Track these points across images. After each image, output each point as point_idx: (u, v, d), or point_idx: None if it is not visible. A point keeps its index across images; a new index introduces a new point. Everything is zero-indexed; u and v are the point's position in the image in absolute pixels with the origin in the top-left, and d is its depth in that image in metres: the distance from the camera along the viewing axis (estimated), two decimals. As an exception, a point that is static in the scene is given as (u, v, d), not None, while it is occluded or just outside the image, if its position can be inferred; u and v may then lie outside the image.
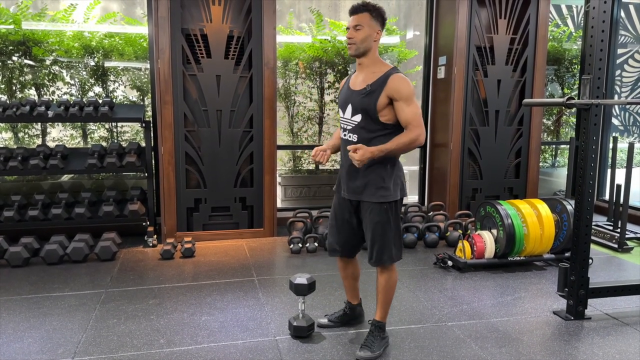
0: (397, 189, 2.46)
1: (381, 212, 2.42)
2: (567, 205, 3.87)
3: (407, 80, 2.36)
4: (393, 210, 2.45)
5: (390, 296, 2.57)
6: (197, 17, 4.40)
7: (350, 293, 2.85)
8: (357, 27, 2.37)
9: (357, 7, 2.39)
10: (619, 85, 6.24)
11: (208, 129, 4.52)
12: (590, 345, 2.68)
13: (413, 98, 2.35)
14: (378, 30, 2.40)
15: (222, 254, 4.25)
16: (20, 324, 2.86)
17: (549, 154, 6.67)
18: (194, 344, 2.65)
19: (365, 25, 2.36)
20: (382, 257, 2.46)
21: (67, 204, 4.37)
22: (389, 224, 2.44)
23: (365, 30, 2.36)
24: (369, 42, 2.38)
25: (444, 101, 5.19)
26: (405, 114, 2.33)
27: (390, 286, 2.55)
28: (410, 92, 2.34)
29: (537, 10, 5.08)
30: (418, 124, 2.33)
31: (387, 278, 2.52)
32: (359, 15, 2.38)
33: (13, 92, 4.83)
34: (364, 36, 2.37)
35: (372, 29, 2.38)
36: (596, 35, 2.75)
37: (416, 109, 2.36)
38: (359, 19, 2.37)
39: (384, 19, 2.43)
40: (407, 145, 2.35)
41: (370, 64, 2.44)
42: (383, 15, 2.42)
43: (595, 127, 2.83)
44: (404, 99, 2.33)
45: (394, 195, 2.44)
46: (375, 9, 2.39)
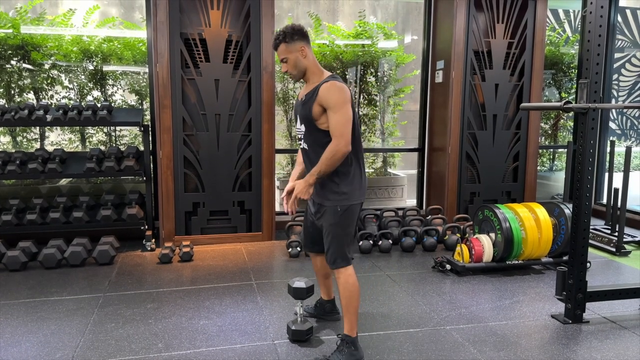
0: (353, 193, 2.47)
1: (335, 214, 2.45)
2: (565, 209, 3.88)
3: (336, 88, 2.36)
4: (347, 214, 2.46)
5: (353, 305, 2.46)
6: (196, 22, 4.41)
7: (322, 289, 2.97)
8: (283, 60, 2.48)
9: (273, 44, 2.50)
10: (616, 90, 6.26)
11: (206, 133, 4.53)
12: (588, 348, 2.68)
13: (341, 106, 2.34)
14: (301, 48, 2.45)
15: (220, 258, 4.25)
16: (18, 328, 2.85)
17: (547, 158, 6.68)
18: (192, 348, 2.64)
19: (287, 54, 2.46)
20: (337, 259, 2.47)
21: (65, 207, 4.36)
22: (342, 226, 2.47)
23: (290, 58, 2.46)
24: (300, 65, 2.46)
25: (442, 105, 5.20)
26: (330, 122, 2.36)
27: (350, 291, 2.46)
28: (337, 100, 2.34)
29: (534, 15, 5.10)
30: (339, 134, 2.33)
31: (344, 283, 2.46)
32: (278, 50, 2.48)
33: (12, 96, 4.83)
34: (293, 64, 2.46)
35: (294, 53, 2.45)
36: (593, 40, 2.76)
37: (340, 117, 2.34)
38: (280, 53, 2.47)
39: (300, 32, 2.46)
40: (330, 159, 2.34)
41: (311, 77, 2.51)
42: (296, 31, 2.45)
43: (593, 131, 2.84)
44: (330, 107, 2.35)
45: (348, 199, 2.45)
46: (287, 34, 2.44)
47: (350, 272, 2.48)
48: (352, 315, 2.47)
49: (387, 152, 6.20)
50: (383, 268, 3.99)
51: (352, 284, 2.46)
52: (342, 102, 2.35)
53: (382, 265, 4.08)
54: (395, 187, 6.09)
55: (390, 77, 6.02)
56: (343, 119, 2.34)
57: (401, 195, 6.12)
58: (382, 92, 6.03)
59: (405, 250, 4.45)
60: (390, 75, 6.02)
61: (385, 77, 6.02)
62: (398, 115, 6.21)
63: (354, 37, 5.75)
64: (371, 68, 5.87)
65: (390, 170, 6.30)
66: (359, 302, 2.49)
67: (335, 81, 2.39)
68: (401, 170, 6.33)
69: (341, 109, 2.34)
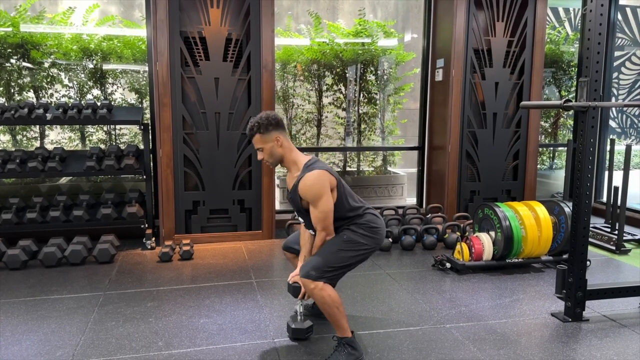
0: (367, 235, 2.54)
1: (340, 239, 2.51)
2: (565, 208, 3.88)
3: (311, 183, 2.41)
4: (351, 245, 2.49)
5: (334, 314, 2.40)
6: (196, 20, 4.41)
7: None
8: (259, 150, 2.55)
9: (248, 134, 2.55)
10: (616, 88, 6.26)
11: (206, 131, 4.53)
12: (588, 347, 2.68)
13: (317, 200, 2.42)
14: (276, 137, 2.51)
15: (220, 256, 4.25)
16: (19, 327, 2.86)
17: (547, 156, 6.68)
18: (193, 346, 2.64)
19: (262, 145, 2.52)
20: (310, 271, 2.39)
21: (65, 206, 4.36)
22: (340, 251, 2.47)
23: (265, 148, 2.52)
24: (275, 154, 2.54)
25: (441, 104, 5.20)
26: (312, 217, 2.48)
27: (328, 304, 2.38)
28: (314, 194, 2.42)
29: (534, 13, 5.10)
30: (322, 228, 2.47)
31: (320, 297, 2.38)
32: (253, 140, 2.54)
33: (11, 94, 4.83)
34: (268, 153, 2.53)
35: (269, 142, 2.51)
36: (593, 38, 2.76)
37: (320, 213, 2.43)
38: (256, 143, 2.53)
39: (275, 123, 2.51)
40: (321, 247, 2.50)
41: (290, 166, 2.58)
42: (270, 123, 2.50)
43: (593, 129, 2.84)
44: (310, 201, 2.45)
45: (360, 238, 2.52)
46: (261, 125, 2.49)
47: (322, 286, 2.38)
48: (338, 321, 2.42)
49: (387, 151, 6.20)
50: (383, 266, 4.00)
51: (328, 296, 2.38)
52: (317, 196, 2.42)
53: (382, 263, 4.08)
54: (395, 186, 6.09)
55: (390, 75, 6.02)
56: (322, 215, 2.44)
57: (401, 194, 6.12)
58: (382, 90, 6.03)
59: (405, 248, 4.45)
60: (390, 73, 6.02)
61: (385, 75, 6.02)
62: (398, 114, 6.21)
63: (354, 36, 5.75)
64: (371, 66, 5.87)
65: (390, 169, 6.30)
66: (342, 308, 2.42)
67: (309, 174, 2.43)
68: (401, 169, 6.33)
69: (318, 205, 2.42)
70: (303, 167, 2.51)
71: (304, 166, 2.51)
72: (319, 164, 2.50)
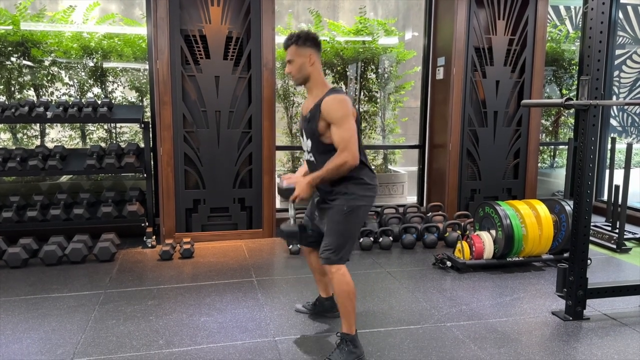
0: (363, 196, 2.47)
1: (341, 214, 2.44)
2: (566, 206, 3.87)
3: (339, 101, 2.37)
4: (353, 215, 2.45)
5: (349, 304, 2.43)
6: (196, 18, 4.40)
7: (319, 286, 2.97)
8: (290, 61, 2.50)
9: (284, 44, 2.52)
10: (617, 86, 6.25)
11: (207, 129, 4.52)
12: (588, 345, 2.68)
13: (344, 119, 2.35)
14: (310, 55, 2.47)
15: (221, 254, 4.25)
16: (19, 325, 2.86)
17: (548, 155, 6.68)
18: (193, 344, 2.65)
19: (295, 57, 2.47)
20: (330, 256, 2.43)
21: (65, 204, 4.36)
22: (346, 226, 2.45)
23: (296, 61, 2.47)
24: (304, 70, 2.48)
25: (442, 102, 5.20)
26: (334, 137, 2.38)
27: (346, 291, 2.43)
28: (340, 114, 2.35)
29: (535, 11, 5.09)
30: (345, 148, 2.34)
31: (339, 282, 2.43)
32: (288, 50, 2.50)
33: (12, 93, 4.83)
34: (298, 67, 2.48)
35: (302, 57, 2.47)
36: (594, 36, 2.75)
37: (345, 132, 2.35)
38: (289, 54, 2.49)
39: (314, 40, 2.49)
40: (335, 170, 2.38)
41: (313, 88, 2.52)
42: (310, 38, 2.48)
43: (594, 127, 2.83)
44: (334, 121, 2.37)
45: (356, 200, 2.45)
46: (300, 37, 2.47)
47: (344, 271, 2.44)
48: (349, 314, 2.45)
49: (387, 149, 6.20)
50: (383, 265, 4.00)
51: (347, 284, 2.42)
52: (344, 115, 2.35)
53: (383, 262, 4.08)
54: (396, 184, 6.09)
55: (391, 73, 6.01)
56: (347, 134, 2.35)
57: (402, 192, 6.12)
58: (382, 88, 6.02)
59: (405, 247, 4.45)
60: (390, 71, 6.01)
61: (385, 73, 6.01)
62: (398, 112, 6.20)
63: (354, 34, 5.74)
64: (372, 65, 5.86)
65: (391, 167, 6.30)
66: (355, 301, 2.46)
67: (336, 94, 2.40)
68: (402, 167, 6.33)
69: (344, 123, 2.35)
70: (329, 89, 2.47)
71: (330, 89, 2.47)
72: (344, 92, 2.47)
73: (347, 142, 2.34)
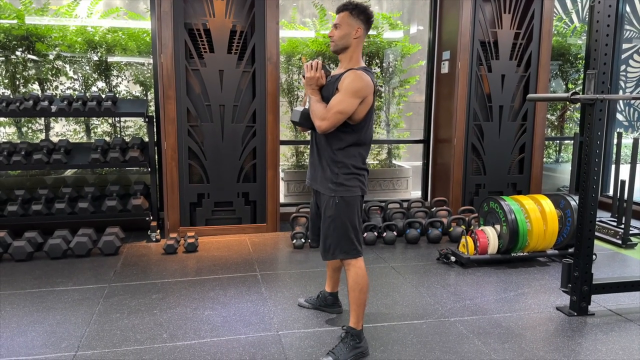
0: (353, 186, 2.44)
1: (332, 206, 2.42)
2: (571, 201, 3.86)
3: (356, 77, 2.33)
4: (345, 206, 2.42)
5: (360, 299, 2.44)
6: (200, 12, 4.39)
7: (328, 281, 2.96)
8: (336, 26, 2.44)
9: (338, 7, 2.46)
10: (624, 81, 6.20)
11: (211, 124, 4.52)
12: (593, 341, 2.67)
13: (351, 94, 2.30)
14: (358, 28, 2.43)
15: (225, 249, 4.25)
16: (24, 318, 2.87)
17: (553, 150, 6.64)
18: (197, 338, 2.65)
19: (343, 23, 2.42)
20: (330, 251, 2.44)
21: (70, 198, 4.38)
22: (340, 219, 2.42)
23: (343, 28, 2.41)
24: (347, 40, 2.42)
25: (447, 96, 5.17)
26: (332, 100, 2.34)
27: (360, 284, 2.44)
28: (353, 87, 2.31)
29: (541, 5, 5.04)
30: (328, 114, 2.31)
31: (354, 276, 2.44)
32: (339, 14, 2.44)
33: (16, 86, 4.83)
34: (342, 34, 2.42)
35: (350, 27, 2.41)
36: (601, 30, 2.73)
37: (340, 103, 2.30)
38: (338, 18, 2.44)
39: (367, 16, 2.44)
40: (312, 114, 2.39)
41: (346, 61, 2.47)
42: (365, 13, 2.44)
43: (600, 122, 2.81)
44: (342, 89, 2.33)
45: (347, 192, 2.42)
46: (356, 7, 2.43)
47: (360, 264, 2.46)
48: (359, 308, 2.45)
49: (392, 144, 6.18)
50: (387, 260, 3.99)
51: (362, 277, 2.44)
52: (354, 91, 2.30)
53: (387, 257, 4.07)
54: (400, 179, 6.07)
55: (396, 67, 5.98)
56: (341, 106, 2.30)
57: (406, 187, 6.10)
58: (387, 83, 6.00)
59: (409, 242, 4.44)
60: (395, 66, 5.98)
61: (390, 67, 5.98)
62: (403, 107, 6.17)
63: (359, 28, 5.70)
64: (376, 59, 5.83)
65: (395, 162, 6.28)
66: (367, 296, 2.48)
67: (361, 72, 2.37)
68: (406, 162, 6.31)
69: (348, 97, 2.30)
70: (360, 66, 2.44)
71: (361, 66, 2.44)
72: (372, 75, 2.43)
73: (335, 112, 2.30)
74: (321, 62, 2.46)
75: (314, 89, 2.43)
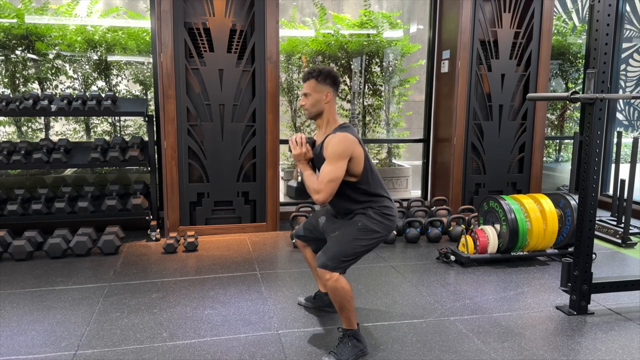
0: (380, 222, 2.48)
1: (354, 227, 2.45)
2: (571, 200, 3.86)
3: (338, 140, 2.37)
4: (365, 234, 2.44)
5: (346, 306, 2.38)
6: (200, 11, 4.38)
7: (318, 281, 2.96)
8: (306, 95, 2.51)
9: (304, 76, 2.53)
10: (624, 80, 6.20)
11: (211, 123, 4.52)
12: (593, 340, 2.67)
13: (335, 159, 2.34)
14: (327, 92, 2.49)
15: (224, 248, 4.25)
16: (24, 317, 2.87)
17: (553, 149, 6.64)
18: (197, 337, 2.65)
19: (312, 91, 2.48)
20: (327, 262, 2.36)
21: (70, 198, 4.38)
22: (356, 241, 2.42)
23: (313, 96, 2.48)
24: (319, 106, 2.50)
25: (447, 95, 5.17)
26: (321, 171, 2.39)
27: (341, 296, 2.36)
28: (335, 152, 2.35)
29: (541, 4, 5.04)
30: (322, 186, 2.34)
31: (333, 288, 2.35)
32: (306, 83, 2.50)
33: (16, 86, 4.83)
34: (313, 102, 2.49)
35: (320, 93, 2.48)
36: (601, 29, 2.73)
37: (330, 172, 2.34)
38: (306, 87, 2.50)
39: (334, 79, 2.50)
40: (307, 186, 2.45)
41: (323, 125, 2.55)
42: (331, 76, 2.49)
43: (600, 121, 2.81)
44: (327, 156, 2.38)
45: (373, 225, 2.46)
46: (321, 73, 2.48)
47: (337, 277, 2.35)
48: (347, 313, 2.41)
49: (391, 143, 6.18)
50: (387, 259, 3.99)
51: (342, 289, 2.35)
52: (338, 155, 2.35)
53: (387, 256, 4.07)
54: (400, 178, 6.07)
55: (396, 67, 5.98)
56: (332, 175, 2.34)
57: (406, 186, 6.10)
58: (387, 82, 6.00)
59: (409, 241, 4.44)
60: (395, 65, 5.98)
61: (390, 67, 5.98)
62: (403, 106, 6.18)
63: (359, 27, 5.71)
64: (376, 58, 5.83)
65: (395, 161, 6.28)
66: (352, 301, 2.41)
67: (340, 133, 2.40)
68: (406, 161, 6.31)
69: (333, 163, 2.35)
70: (337, 126, 2.48)
71: (338, 126, 2.48)
72: (352, 130, 2.47)
73: (327, 182, 2.35)
74: (304, 136, 2.51)
75: (304, 163, 2.49)
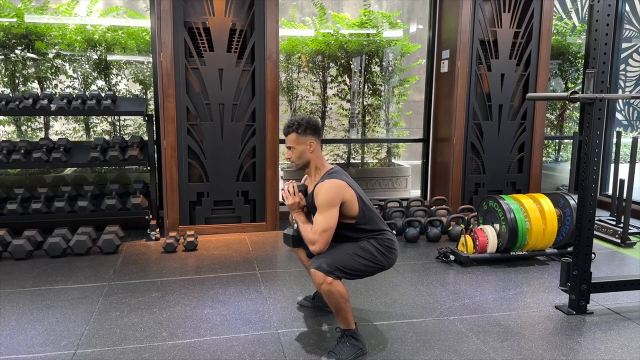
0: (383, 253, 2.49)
1: (357, 243, 2.47)
2: (570, 200, 3.86)
3: (326, 189, 2.38)
4: (365, 254, 2.44)
5: (342, 308, 2.38)
6: (200, 11, 4.39)
7: None
8: (290, 148, 2.54)
9: (284, 130, 2.55)
10: (623, 80, 6.20)
11: (210, 122, 4.52)
12: (592, 339, 2.68)
13: (326, 208, 2.36)
14: (310, 142, 2.52)
15: (224, 247, 4.26)
16: (24, 317, 2.87)
17: (552, 149, 6.65)
18: (197, 336, 2.66)
19: (295, 144, 2.52)
20: (322, 264, 2.34)
21: (70, 197, 4.38)
22: (355, 255, 2.42)
23: (297, 148, 2.52)
24: (304, 157, 2.54)
25: (447, 95, 5.17)
26: (315, 221, 2.41)
27: (336, 299, 2.36)
28: (325, 201, 2.36)
29: (541, 4, 5.05)
30: (316, 236, 2.36)
31: (328, 292, 2.34)
32: (288, 137, 2.54)
33: (16, 85, 4.83)
34: (298, 154, 2.53)
35: (303, 144, 2.51)
36: (601, 29, 2.73)
37: (323, 221, 2.35)
38: (289, 141, 2.54)
39: (314, 128, 2.53)
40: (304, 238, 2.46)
41: (312, 174, 2.58)
42: (310, 126, 2.51)
43: (599, 121, 2.81)
44: (318, 206, 2.40)
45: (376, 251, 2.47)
46: (300, 125, 2.50)
47: (331, 280, 2.34)
48: (343, 314, 2.41)
49: (391, 143, 6.18)
50: (387, 258, 3.99)
51: (337, 292, 2.34)
52: (327, 204, 2.36)
53: (386, 255, 4.07)
54: (400, 178, 6.08)
55: (395, 66, 5.98)
56: (325, 224, 2.35)
57: (405, 186, 6.11)
58: (386, 82, 6.00)
59: (409, 240, 4.44)
60: (395, 65, 5.98)
61: (390, 66, 5.99)
62: (403, 106, 6.18)
63: (358, 26, 5.71)
64: (376, 57, 5.83)
65: (395, 161, 6.28)
66: (349, 302, 2.40)
67: (328, 180, 2.42)
68: (405, 161, 6.31)
69: (325, 211, 2.37)
70: (325, 174, 2.50)
71: (325, 173, 2.50)
72: (340, 175, 2.47)
73: (320, 232, 2.36)
74: (296, 184, 2.55)
75: (298, 212, 2.52)
